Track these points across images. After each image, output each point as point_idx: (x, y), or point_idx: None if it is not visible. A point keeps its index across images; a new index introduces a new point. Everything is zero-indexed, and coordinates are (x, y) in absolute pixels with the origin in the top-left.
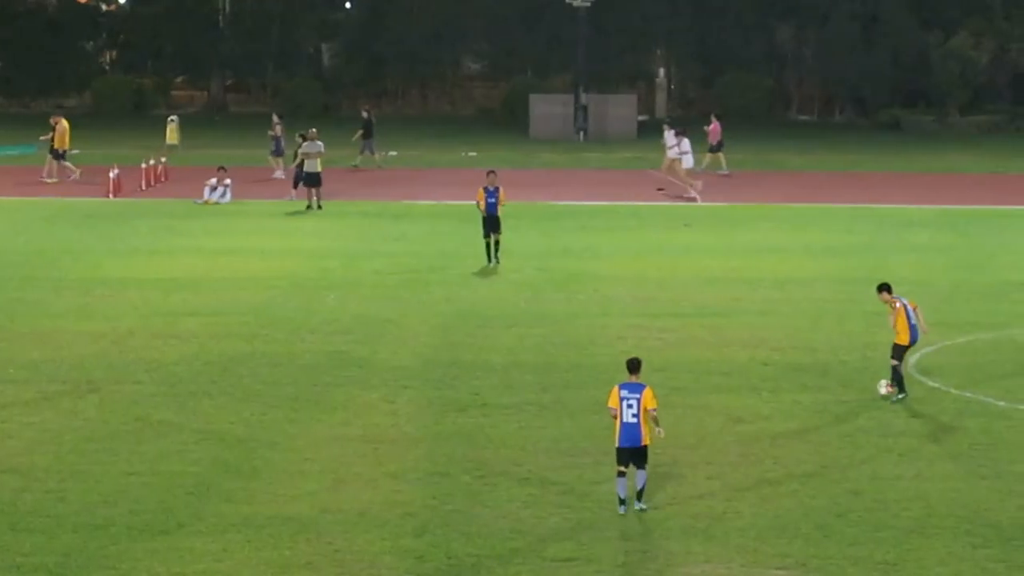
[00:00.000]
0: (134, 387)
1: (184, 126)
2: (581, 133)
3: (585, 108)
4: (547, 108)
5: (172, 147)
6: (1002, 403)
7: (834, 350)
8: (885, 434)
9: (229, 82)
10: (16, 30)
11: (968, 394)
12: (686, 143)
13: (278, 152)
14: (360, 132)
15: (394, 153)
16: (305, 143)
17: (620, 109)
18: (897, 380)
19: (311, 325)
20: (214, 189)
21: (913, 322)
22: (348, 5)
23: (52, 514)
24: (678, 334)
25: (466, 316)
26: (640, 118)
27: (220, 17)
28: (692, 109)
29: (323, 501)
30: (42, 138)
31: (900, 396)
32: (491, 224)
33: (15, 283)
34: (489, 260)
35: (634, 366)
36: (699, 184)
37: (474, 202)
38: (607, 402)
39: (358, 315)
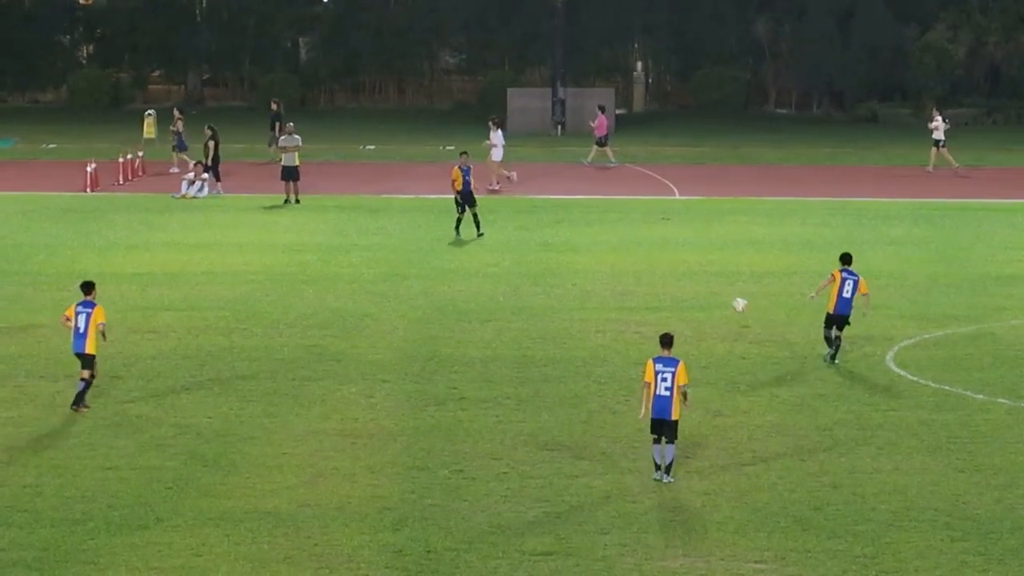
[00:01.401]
0: (111, 382)
1: (161, 120)
2: (559, 127)
3: (563, 102)
4: (525, 102)
5: (149, 141)
6: (980, 396)
7: (812, 344)
8: (863, 427)
9: (206, 76)
10: None
11: (946, 387)
12: (498, 136)
13: (181, 147)
14: (277, 126)
15: (371, 147)
16: (283, 137)
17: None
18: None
19: (289, 319)
20: (192, 183)
21: (844, 295)
22: None
23: (29, 509)
24: (656, 328)
25: (444, 310)
26: (617, 112)
27: (197, 11)
28: (669, 103)
29: (301, 495)
30: None
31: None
32: (467, 199)
33: None
34: (458, 232)
35: (668, 341)
36: (514, 175)
37: (452, 196)
38: (643, 376)
39: (336, 309)
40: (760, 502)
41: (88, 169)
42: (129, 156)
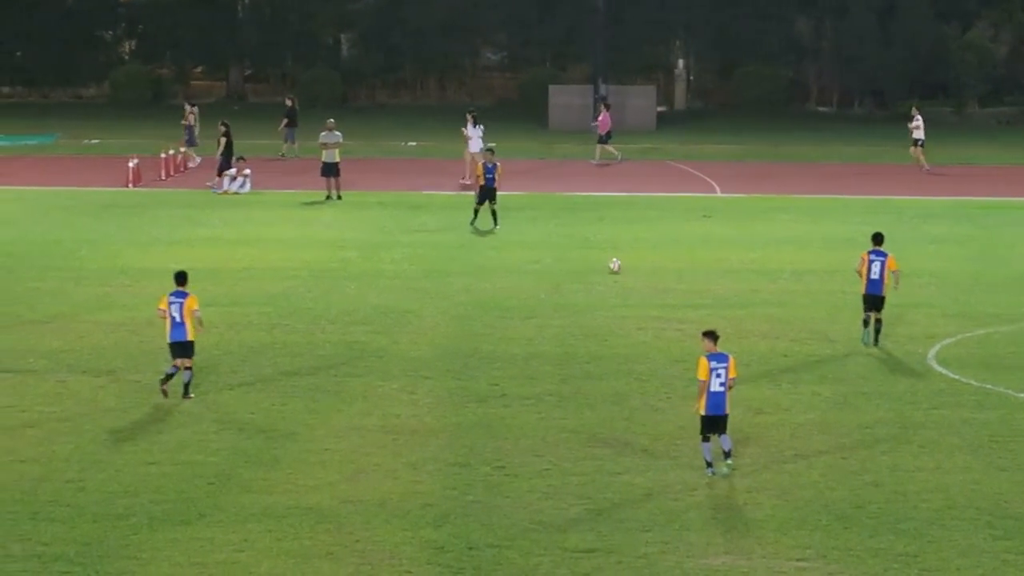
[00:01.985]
0: (154, 377)
1: (203, 116)
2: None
3: (604, 99)
4: (566, 99)
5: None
6: (1022, 395)
7: (853, 341)
8: (904, 426)
9: (248, 72)
10: (34, 20)
11: (988, 386)
12: (476, 129)
13: (191, 142)
14: (284, 121)
15: (412, 143)
16: (323, 133)
17: (639, 100)
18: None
19: (330, 315)
20: (233, 179)
21: (873, 276)
22: None
23: (72, 503)
24: (696, 325)
25: (485, 307)
26: (659, 109)
27: (239, 7)
28: (711, 100)
29: (343, 491)
30: None
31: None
32: (488, 194)
33: (34, 272)
34: (474, 222)
35: (715, 336)
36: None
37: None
38: (697, 374)
39: (377, 306)
40: (801, 500)
41: (130, 165)
42: (171, 152)
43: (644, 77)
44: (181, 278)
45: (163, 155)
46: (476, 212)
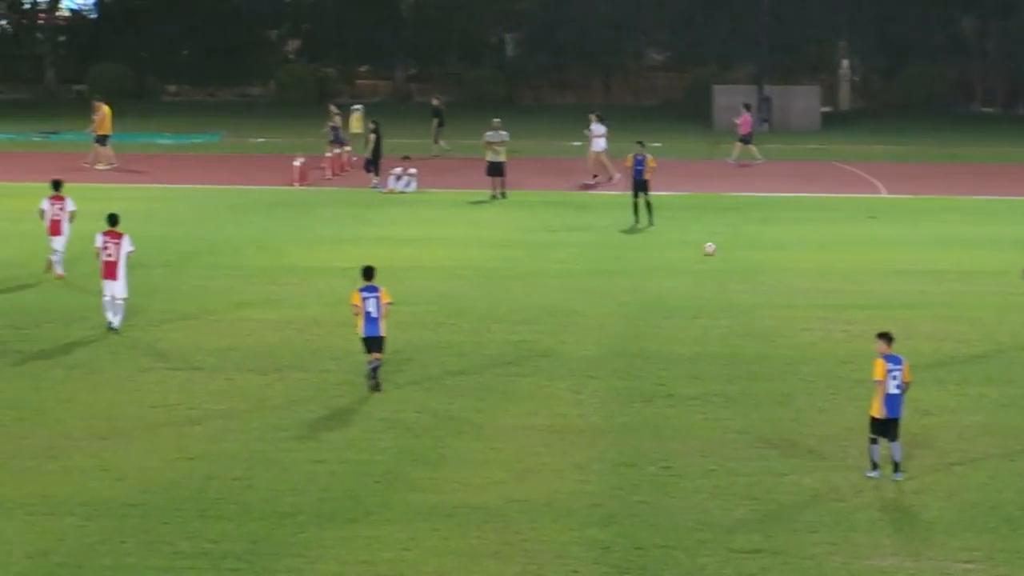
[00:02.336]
0: (321, 375)
1: (368, 115)
2: (765, 124)
3: (768, 99)
4: (730, 99)
5: (356, 136)
6: None
7: (1021, 344)
8: None
9: (413, 72)
10: (201, 19)
11: None
12: (600, 128)
13: (339, 141)
14: (436, 121)
15: (577, 143)
16: (489, 132)
17: (803, 101)
18: None
19: (497, 315)
20: (399, 178)
21: None
22: None
23: (240, 501)
24: (863, 326)
25: (652, 307)
26: (823, 109)
27: (404, 7)
28: (876, 100)
29: (510, 491)
30: (90, 131)
31: None
32: (639, 186)
33: (202, 271)
34: (636, 219)
35: (890, 338)
36: (616, 176)
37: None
38: (872, 375)
39: (544, 305)
40: (969, 502)
41: (296, 163)
42: (336, 151)
43: (809, 77)
44: (369, 273)
45: (328, 154)
46: (634, 206)
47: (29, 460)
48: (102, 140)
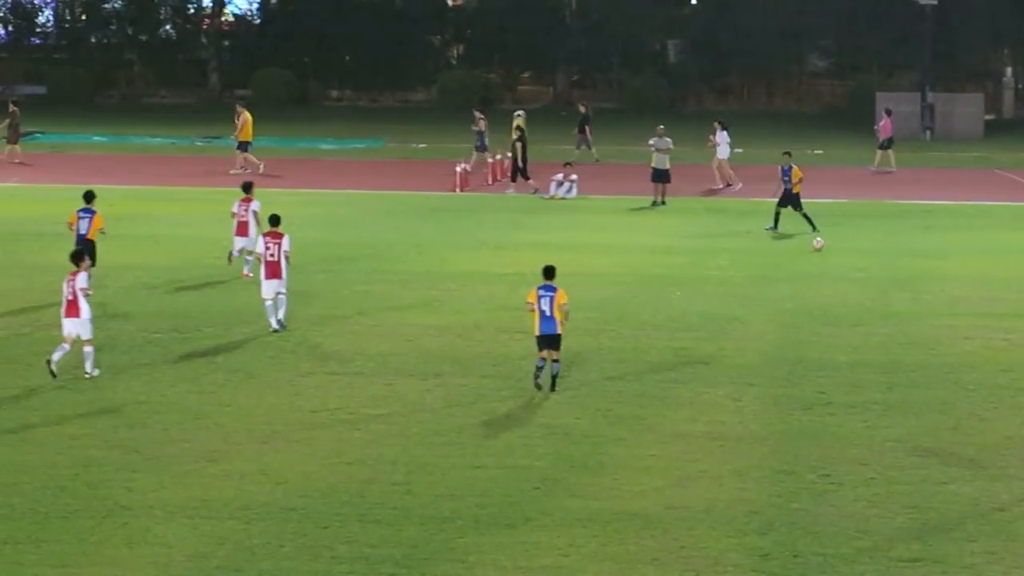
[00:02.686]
0: (480, 381)
1: (530, 121)
2: (927, 132)
3: (931, 107)
4: (893, 106)
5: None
6: None
7: None
8: None
9: (575, 78)
10: (363, 24)
11: None
12: (723, 135)
13: (482, 148)
14: (584, 128)
15: (739, 150)
16: (654, 139)
17: (966, 108)
18: None
19: (656, 321)
20: (560, 184)
21: None
22: (694, 1)
23: (399, 506)
24: None
25: (812, 314)
26: (986, 117)
27: (567, 12)
28: None
29: (668, 497)
30: (233, 136)
31: None
32: (785, 199)
33: (362, 276)
34: (775, 227)
35: None
36: (738, 184)
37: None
38: None
39: (704, 312)
40: None
41: (458, 169)
42: (498, 156)
43: (972, 84)
44: (550, 272)
45: (490, 159)
46: (776, 216)
47: (190, 463)
48: (244, 147)
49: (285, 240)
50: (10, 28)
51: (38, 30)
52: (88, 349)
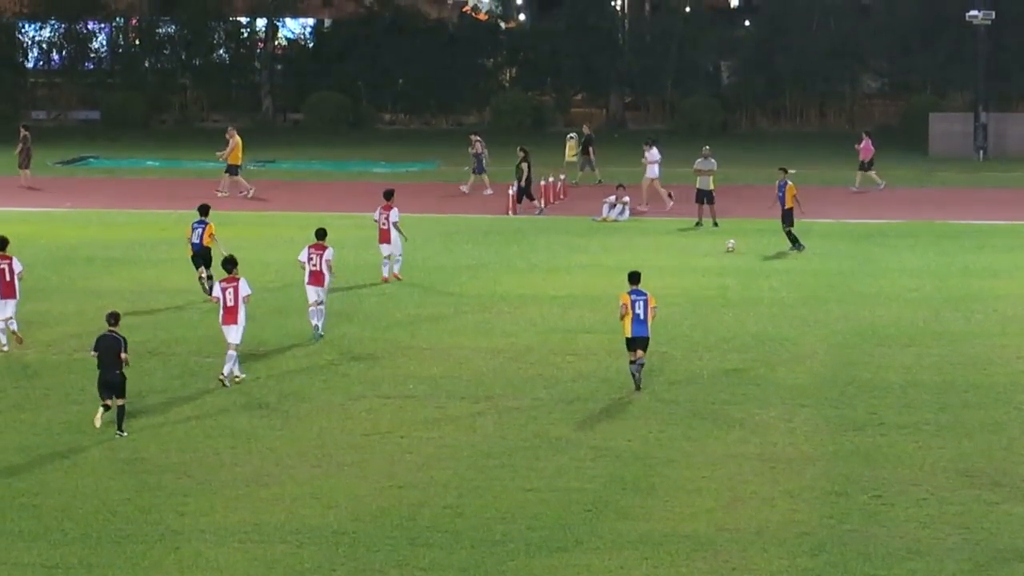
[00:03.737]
0: (532, 403)
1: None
2: (980, 152)
3: (985, 127)
4: (946, 126)
5: (571, 164)
6: None
7: None
8: None
9: (627, 99)
10: (416, 47)
11: None
12: (653, 153)
13: (480, 170)
14: (582, 148)
15: (792, 171)
16: (698, 160)
17: (1021, 128)
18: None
19: (708, 343)
20: (613, 206)
21: None
22: (747, 23)
23: (450, 529)
24: None
25: (863, 335)
26: None
27: (620, 34)
28: None
29: (720, 519)
30: (217, 154)
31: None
32: (783, 216)
33: (415, 299)
34: (795, 246)
35: None
36: (670, 202)
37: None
38: None
39: (755, 333)
40: None
41: (510, 191)
42: (551, 179)
43: None
44: (636, 277)
45: (543, 182)
46: (791, 236)
47: (242, 487)
48: (234, 170)
49: (328, 251)
50: (64, 53)
51: (92, 55)
52: (234, 353)
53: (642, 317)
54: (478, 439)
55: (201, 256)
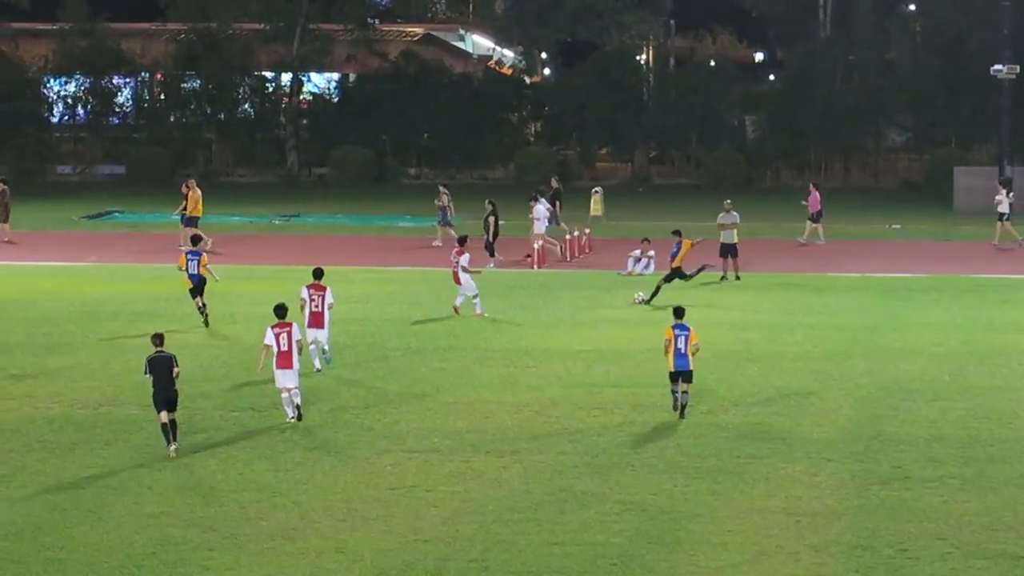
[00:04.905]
0: (557, 457)
1: (608, 197)
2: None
3: (1010, 180)
4: (971, 181)
5: (596, 218)
6: None
7: None
8: None
9: (652, 154)
10: (441, 102)
11: None
12: (539, 208)
13: (445, 222)
14: (550, 201)
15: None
16: (721, 214)
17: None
18: None
19: (733, 397)
20: (638, 260)
21: None
22: (772, 77)
23: None
24: None
25: (888, 389)
26: None
27: (645, 89)
28: None
29: (745, 573)
30: (175, 213)
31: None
32: (673, 273)
33: (440, 353)
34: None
35: None
36: (556, 251)
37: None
38: None
39: (780, 387)
40: None
41: (535, 246)
42: (576, 233)
43: None
44: (681, 312)
45: (568, 236)
46: (658, 287)
47: (266, 541)
48: (192, 222)
49: (328, 293)
50: (89, 108)
51: (117, 110)
52: (294, 393)
53: (683, 351)
54: (503, 493)
55: (198, 287)
